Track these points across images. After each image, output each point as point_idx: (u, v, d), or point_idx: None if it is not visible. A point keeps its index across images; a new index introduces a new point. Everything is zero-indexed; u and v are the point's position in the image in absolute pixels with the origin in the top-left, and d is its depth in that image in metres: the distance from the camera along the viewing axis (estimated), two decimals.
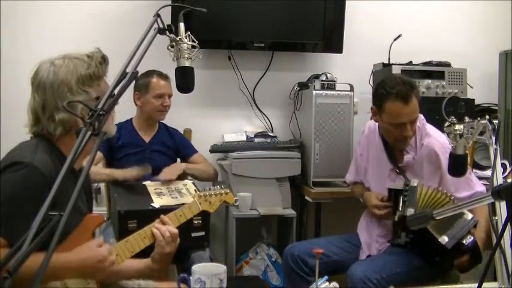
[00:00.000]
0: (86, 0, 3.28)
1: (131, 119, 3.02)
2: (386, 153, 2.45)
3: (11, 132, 3.03)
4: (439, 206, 2.19)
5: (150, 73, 2.91)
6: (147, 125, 3.01)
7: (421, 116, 2.43)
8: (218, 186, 1.98)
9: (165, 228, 1.74)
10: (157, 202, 2.42)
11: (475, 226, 2.16)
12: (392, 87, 2.29)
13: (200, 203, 1.89)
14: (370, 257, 2.45)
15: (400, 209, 2.23)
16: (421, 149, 2.38)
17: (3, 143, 2.92)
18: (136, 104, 2.95)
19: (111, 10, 3.34)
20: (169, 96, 2.94)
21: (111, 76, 1.60)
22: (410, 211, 2.17)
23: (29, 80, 1.61)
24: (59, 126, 1.55)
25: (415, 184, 2.22)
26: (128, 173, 2.71)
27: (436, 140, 2.36)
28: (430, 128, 2.42)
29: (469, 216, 2.13)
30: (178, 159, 3.07)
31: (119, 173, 2.72)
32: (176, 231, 1.76)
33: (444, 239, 2.10)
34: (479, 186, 2.37)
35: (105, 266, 1.52)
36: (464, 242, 2.13)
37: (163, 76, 2.93)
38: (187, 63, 1.55)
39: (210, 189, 1.95)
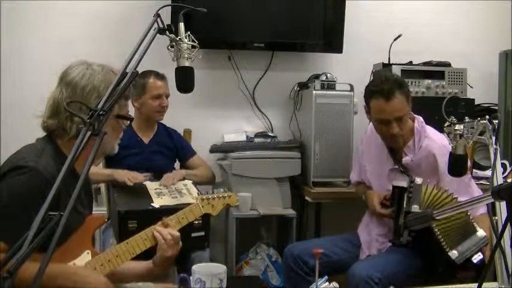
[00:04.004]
0: (86, 0, 3.28)
1: None
2: (389, 153, 2.45)
3: (10, 133, 3.06)
4: (444, 206, 2.17)
5: (146, 74, 2.89)
6: (146, 126, 3.00)
7: (420, 118, 2.43)
8: (222, 189, 1.97)
9: (167, 231, 1.72)
10: (157, 202, 2.41)
11: (486, 245, 2.12)
12: (376, 85, 2.35)
13: (203, 206, 1.88)
14: (372, 256, 2.45)
15: (405, 206, 2.22)
16: (420, 151, 2.38)
17: (3, 144, 2.92)
18: (134, 106, 2.93)
19: (111, 10, 3.34)
20: (167, 96, 2.92)
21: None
22: (415, 208, 2.17)
23: (59, 74, 1.62)
24: (75, 126, 1.55)
25: (420, 182, 2.22)
26: (129, 175, 2.66)
27: (435, 142, 2.36)
28: (430, 130, 2.42)
29: (482, 234, 2.10)
30: (177, 165, 3.07)
31: (119, 175, 2.68)
32: (178, 234, 1.74)
33: (454, 254, 2.07)
34: (478, 193, 2.33)
35: None
36: (473, 259, 2.10)
37: (160, 76, 2.91)
38: (187, 63, 1.55)
39: (213, 192, 1.94)
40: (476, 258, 2.10)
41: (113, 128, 1.59)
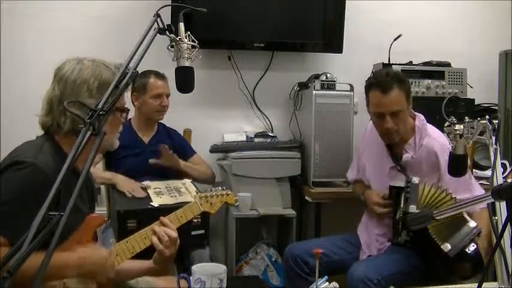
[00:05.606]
0: (86, 1, 3.28)
1: (130, 119, 3.00)
2: (387, 151, 2.45)
3: (11, 132, 3.06)
4: (442, 205, 2.17)
5: (146, 73, 2.89)
6: (146, 125, 3.00)
7: (421, 116, 2.43)
8: (219, 188, 1.97)
9: (163, 233, 1.71)
10: (156, 201, 2.41)
11: (478, 235, 2.11)
12: (375, 77, 2.38)
13: (201, 204, 1.89)
14: (371, 257, 2.45)
15: (402, 206, 2.22)
16: (420, 149, 2.38)
17: (3, 143, 2.92)
18: (134, 105, 2.93)
19: (111, 10, 3.33)
20: (167, 96, 2.93)
21: None
22: (412, 208, 2.17)
23: (53, 72, 1.63)
24: (68, 121, 1.56)
25: (417, 181, 2.22)
26: (129, 186, 2.63)
27: (436, 140, 2.36)
28: (431, 129, 2.42)
29: (473, 224, 2.09)
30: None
31: (119, 183, 2.66)
32: (175, 234, 1.73)
33: (447, 247, 2.07)
34: (479, 191, 2.34)
35: (106, 266, 1.53)
36: (467, 250, 2.09)
37: (160, 76, 2.92)
38: (187, 63, 1.55)
39: (211, 190, 1.94)
40: (470, 248, 2.09)
41: (110, 122, 1.59)
